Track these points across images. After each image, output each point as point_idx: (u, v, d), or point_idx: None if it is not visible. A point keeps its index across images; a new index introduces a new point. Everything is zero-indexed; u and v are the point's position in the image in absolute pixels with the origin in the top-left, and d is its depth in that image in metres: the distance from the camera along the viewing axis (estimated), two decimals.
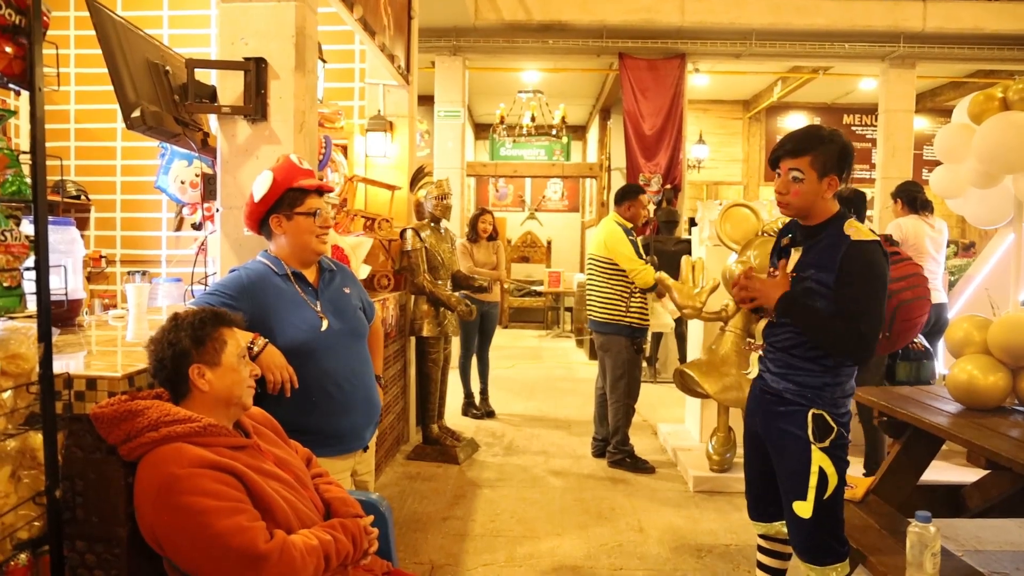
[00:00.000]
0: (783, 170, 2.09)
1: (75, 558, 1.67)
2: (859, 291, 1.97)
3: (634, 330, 4.15)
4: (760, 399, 2.24)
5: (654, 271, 4.06)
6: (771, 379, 2.17)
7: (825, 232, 2.07)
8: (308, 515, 1.66)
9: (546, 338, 10.50)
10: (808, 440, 2.06)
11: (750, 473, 2.36)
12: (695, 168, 10.82)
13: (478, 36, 7.94)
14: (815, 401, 2.08)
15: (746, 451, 2.36)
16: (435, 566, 2.96)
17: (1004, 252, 4.51)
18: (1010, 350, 2.46)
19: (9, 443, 1.55)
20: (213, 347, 1.63)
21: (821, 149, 2.05)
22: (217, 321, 1.67)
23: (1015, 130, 3.70)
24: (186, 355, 1.61)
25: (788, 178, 2.07)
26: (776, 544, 2.38)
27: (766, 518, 2.33)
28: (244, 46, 2.74)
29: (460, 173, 8.17)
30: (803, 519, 2.08)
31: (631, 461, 4.25)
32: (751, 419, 2.32)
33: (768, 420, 2.19)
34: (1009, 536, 3.30)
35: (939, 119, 10.55)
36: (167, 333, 1.63)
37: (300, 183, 2.10)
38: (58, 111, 5.12)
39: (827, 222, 2.08)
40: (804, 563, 2.14)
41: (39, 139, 1.49)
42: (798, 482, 2.09)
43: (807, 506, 2.07)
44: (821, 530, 2.09)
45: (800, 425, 2.08)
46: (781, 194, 2.10)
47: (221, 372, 1.63)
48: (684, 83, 8.08)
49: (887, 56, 7.94)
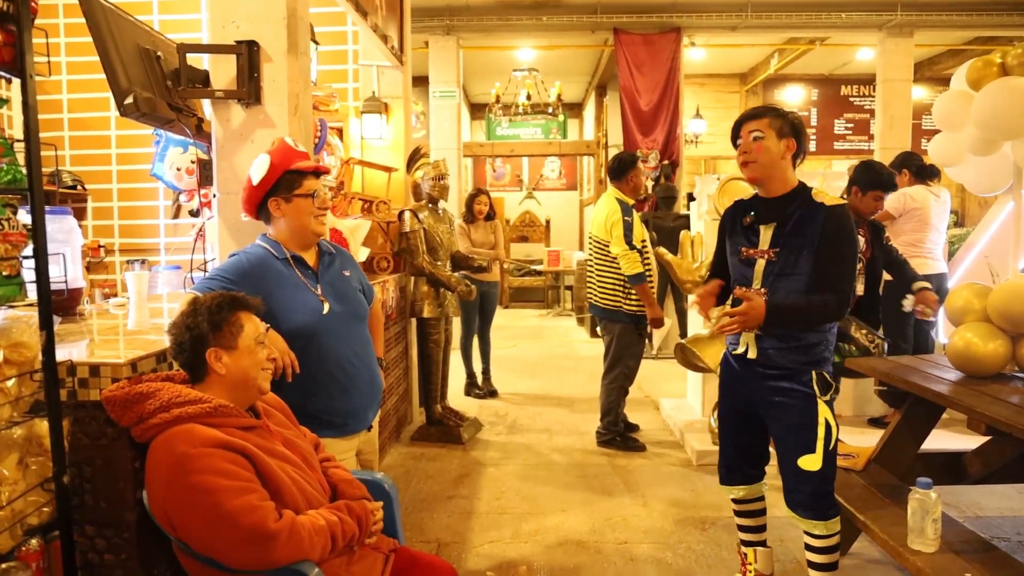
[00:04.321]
0: (743, 135, 2.20)
1: (85, 543, 1.70)
2: (838, 254, 2.11)
3: (632, 317, 4.08)
4: (749, 373, 2.29)
5: (640, 262, 3.93)
6: (775, 354, 2.21)
7: (794, 204, 2.17)
8: (315, 496, 1.69)
9: (547, 317, 10.51)
10: (815, 395, 2.17)
11: (725, 445, 2.49)
12: (692, 143, 10.76)
13: (471, 14, 7.87)
14: (819, 364, 2.19)
15: (723, 426, 2.48)
16: (441, 544, 2.99)
17: (1004, 219, 4.50)
18: (1010, 317, 2.46)
19: (15, 431, 1.56)
20: (230, 331, 1.65)
21: (775, 115, 2.20)
22: (235, 305, 1.69)
23: (1014, 95, 3.68)
24: (204, 339, 1.63)
25: (750, 139, 2.18)
26: (752, 504, 2.50)
27: (737, 481, 2.46)
28: (236, 29, 2.71)
29: (457, 154, 8.14)
30: (811, 473, 2.17)
31: (621, 440, 4.25)
32: (732, 395, 2.40)
33: (765, 390, 2.24)
34: (1010, 502, 3.33)
35: (938, 88, 10.47)
36: (186, 317, 1.65)
37: (297, 165, 2.10)
38: (51, 100, 5.08)
39: (793, 194, 2.19)
40: (807, 520, 2.22)
41: (32, 127, 1.48)
42: (806, 437, 2.18)
43: (816, 459, 2.17)
44: (826, 481, 2.20)
45: (806, 383, 2.18)
46: (746, 153, 2.19)
47: (238, 355, 1.65)
48: (680, 57, 8.01)
49: (884, 25, 7.87)
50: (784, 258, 2.15)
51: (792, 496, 2.25)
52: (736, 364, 2.34)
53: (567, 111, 12.21)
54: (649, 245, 4.09)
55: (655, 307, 3.99)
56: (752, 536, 2.53)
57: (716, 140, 11.42)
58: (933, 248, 4.45)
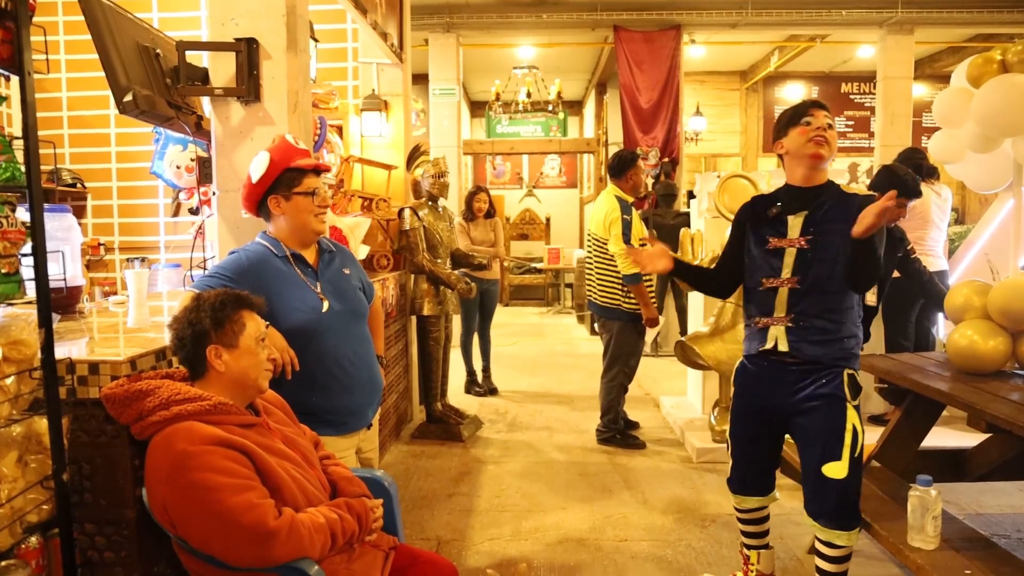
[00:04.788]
0: (819, 117, 2.15)
1: (85, 540, 1.70)
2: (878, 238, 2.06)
3: (631, 315, 4.06)
4: (776, 371, 2.22)
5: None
6: (807, 348, 2.15)
7: (826, 194, 2.18)
8: (315, 493, 1.69)
9: (547, 315, 10.51)
10: (846, 399, 2.12)
11: (741, 454, 2.40)
12: (693, 140, 10.75)
13: (471, 12, 7.86)
14: (850, 361, 2.15)
15: (741, 428, 2.38)
16: (441, 541, 2.99)
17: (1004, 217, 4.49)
18: (1010, 314, 2.46)
19: (15, 428, 1.56)
20: (232, 329, 1.64)
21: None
22: (238, 304, 1.68)
23: (1014, 92, 3.67)
24: (205, 336, 1.62)
25: (824, 124, 2.14)
26: (760, 512, 2.46)
27: (751, 492, 2.40)
28: (235, 27, 2.71)
29: (457, 151, 8.13)
30: (836, 481, 2.10)
31: (621, 438, 4.24)
32: (751, 401, 2.32)
33: (792, 392, 2.18)
34: (1010, 499, 3.33)
35: (938, 85, 10.45)
36: (189, 313, 1.65)
37: (297, 163, 2.09)
38: (50, 99, 5.07)
39: (826, 185, 2.20)
40: (829, 530, 2.14)
41: (31, 124, 1.48)
42: (833, 443, 2.11)
43: (842, 466, 2.10)
44: (852, 489, 2.12)
45: (837, 386, 2.12)
46: (825, 134, 2.13)
47: (238, 354, 1.65)
48: (680, 55, 8.00)
49: (885, 22, 7.86)
50: (817, 245, 2.13)
51: (814, 505, 2.17)
52: (760, 365, 2.26)
53: (567, 109, 12.20)
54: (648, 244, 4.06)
55: (650, 307, 3.98)
56: (756, 540, 2.50)
57: (716, 137, 11.41)
58: (934, 245, 4.44)
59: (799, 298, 2.15)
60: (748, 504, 2.42)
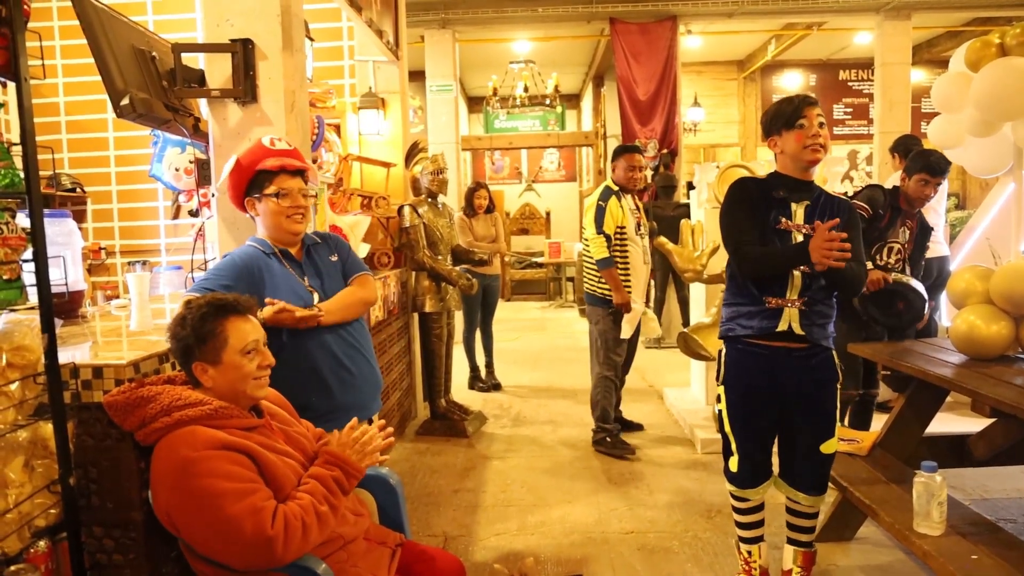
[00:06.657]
0: (812, 117, 2.15)
1: (93, 543, 1.70)
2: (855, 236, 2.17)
3: (605, 301, 3.97)
4: (784, 355, 2.21)
5: (605, 247, 3.86)
6: (815, 331, 2.20)
7: (818, 189, 2.27)
8: None
9: (549, 309, 10.51)
10: (838, 380, 2.28)
11: (750, 444, 2.32)
12: (691, 131, 10.73)
13: (466, 7, 7.83)
14: (831, 341, 2.26)
15: (748, 418, 2.30)
16: (448, 537, 3.00)
17: (1005, 201, 4.48)
18: (1012, 299, 2.46)
19: (20, 433, 1.56)
20: (214, 345, 1.60)
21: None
22: (220, 314, 1.63)
23: (1013, 76, 3.65)
24: (189, 352, 1.61)
25: (818, 123, 2.15)
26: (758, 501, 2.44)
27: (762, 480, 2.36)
28: (230, 28, 2.70)
29: (455, 148, 8.12)
30: (827, 456, 2.28)
31: (610, 442, 4.01)
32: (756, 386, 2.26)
33: (802, 374, 2.23)
34: (1015, 483, 3.33)
35: (936, 70, 10.41)
36: (175, 326, 1.64)
37: (264, 164, 2.09)
38: (48, 104, 5.07)
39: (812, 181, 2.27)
40: (813, 497, 2.31)
41: (28, 130, 1.48)
42: (830, 423, 2.27)
43: (834, 441, 2.29)
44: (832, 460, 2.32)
45: (832, 368, 2.27)
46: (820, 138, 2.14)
47: (223, 369, 1.62)
48: (677, 45, 7.97)
49: (882, 8, 7.82)
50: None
51: (805, 479, 2.30)
52: (769, 348, 2.22)
53: (565, 102, 12.18)
54: (630, 231, 3.96)
55: (621, 291, 3.89)
56: (755, 532, 2.45)
57: (715, 128, 11.38)
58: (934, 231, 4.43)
59: (812, 281, 2.18)
60: (760, 494, 2.37)
